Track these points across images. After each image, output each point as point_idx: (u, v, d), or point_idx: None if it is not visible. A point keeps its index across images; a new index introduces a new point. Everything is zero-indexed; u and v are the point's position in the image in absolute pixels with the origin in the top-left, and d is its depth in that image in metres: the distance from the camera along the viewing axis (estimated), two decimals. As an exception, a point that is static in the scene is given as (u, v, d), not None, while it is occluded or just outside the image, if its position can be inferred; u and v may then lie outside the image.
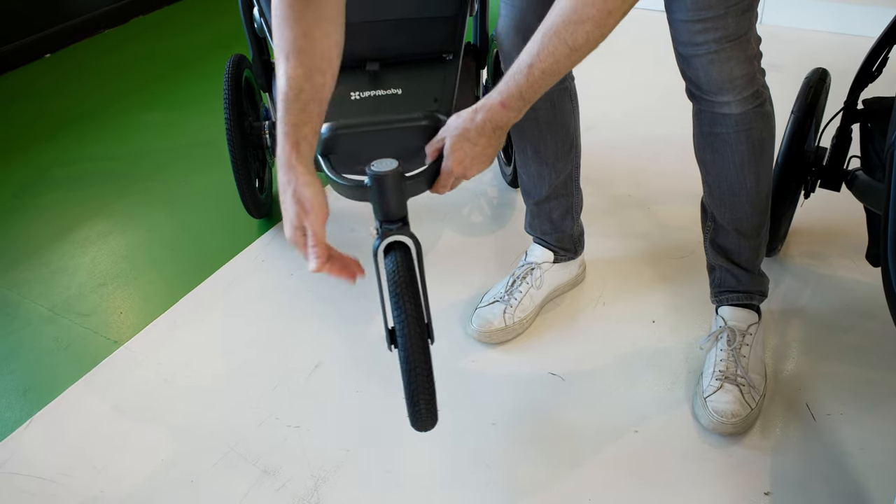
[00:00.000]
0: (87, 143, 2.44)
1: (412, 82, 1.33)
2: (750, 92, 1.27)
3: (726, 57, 1.22)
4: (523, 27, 1.32)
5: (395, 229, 1.11)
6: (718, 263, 1.47)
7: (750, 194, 1.36)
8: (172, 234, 1.96)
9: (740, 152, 1.32)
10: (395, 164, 1.08)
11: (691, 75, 1.27)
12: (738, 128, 1.30)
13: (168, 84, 2.83)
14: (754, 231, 1.41)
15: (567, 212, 1.59)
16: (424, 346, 1.09)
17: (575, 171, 1.56)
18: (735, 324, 1.45)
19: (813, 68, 1.63)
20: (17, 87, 2.89)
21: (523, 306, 1.58)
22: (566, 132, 1.49)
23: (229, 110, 1.75)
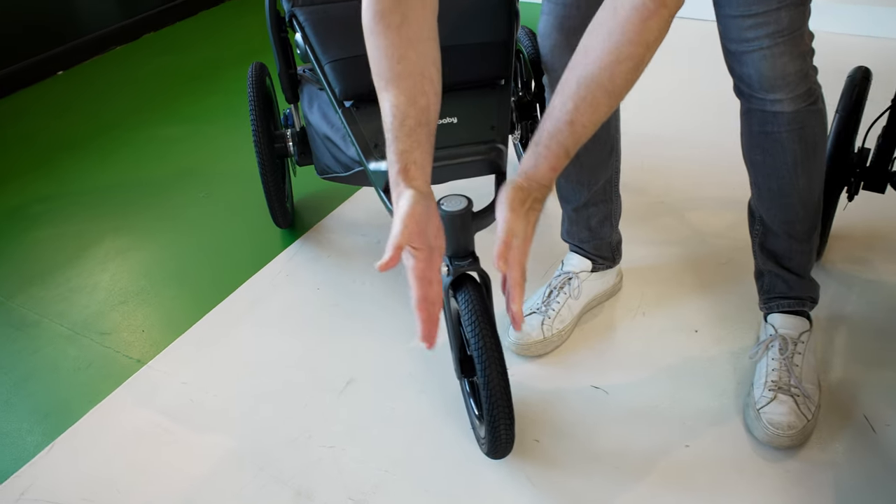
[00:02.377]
0: (102, 158, 2.39)
1: (468, 110, 1.29)
2: (803, 89, 1.21)
3: (779, 53, 1.16)
4: (566, 26, 1.27)
5: (465, 265, 1.15)
6: (768, 269, 1.41)
7: (802, 196, 1.30)
8: (193, 250, 1.91)
9: (793, 152, 1.25)
10: (465, 203, 1.12)
11: (741, 73, 1.21)
12: (791, 127, 1.23)
13: (181, 99, 2.79)
14: (806, 234, 1.35)
15: (606, 218, 1.53)
16: (505, 375, 1.14)
17: (615, 175, 1.50)
18: (786, 332, 1.38)
19: (855, 66, 1.57)
20: (31, 104, 2.86)
21: (561, 317, 1.52)
22: (606, 136, 1.44)
23: (256, 118, 1.72)
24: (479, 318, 1.14)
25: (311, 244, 1.88)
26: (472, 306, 1.15)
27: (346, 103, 1.33)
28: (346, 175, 1.58)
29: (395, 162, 0.99)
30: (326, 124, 1.59)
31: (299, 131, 1.78)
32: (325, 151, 1.62)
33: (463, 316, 1.16)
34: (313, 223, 1.97)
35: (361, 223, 1.95)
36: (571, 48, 1.25)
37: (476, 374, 1.17)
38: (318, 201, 2.07)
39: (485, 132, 1.30)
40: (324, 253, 1.85)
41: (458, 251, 1.17)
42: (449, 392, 1.44)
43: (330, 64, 1.34)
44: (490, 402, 1.14)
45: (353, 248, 1.86)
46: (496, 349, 1.14)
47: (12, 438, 1.42)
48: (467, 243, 1.17)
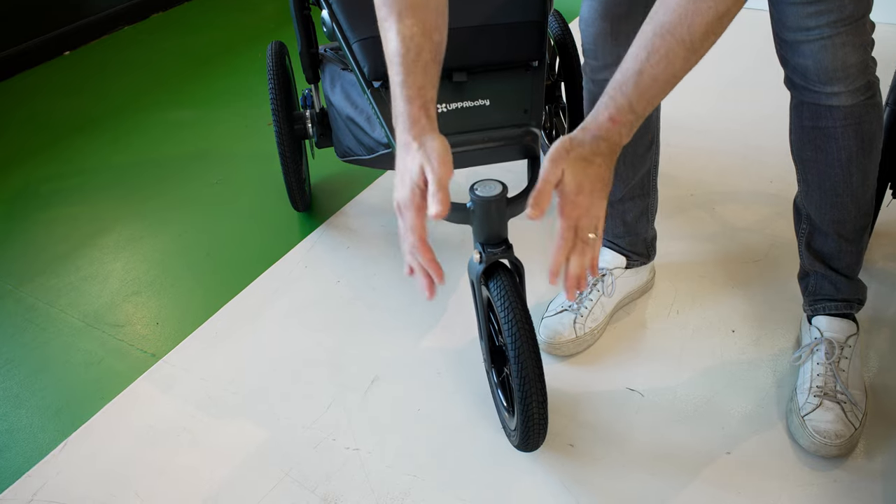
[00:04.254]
0: (113, 141, 2.33)
1: (500, 92, 1.23)
2: (862, 82, 1.15)
3: (841, 42, 1.09)
4: (613, 13, 1.20)
5: (499, 252, 1.11)
6: (815, 269, 1.34)
7: (855, 194, 1.23)
8: (208, 238, 1.85)
9: (847, 148, 1.18)
10: (499, 188, 1.07)
11: (797, 63, 1.14)
12: (847, 121, 1.16)
13: (191, 80, 2.72)
14: (857, 234, 1.28)
15: (642, 213, 1.47)
16: (539, 362, 1.10)
17: (653, 169, 1.44)
18: (833, 335, 1.31)
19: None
20: (38, 85, 2.78)
21: (594, 315, 1.46)
22: (646, 126, 1.37)
23: (276, 98, 1.66)
24: (512, 306, 1.10)
25: (332, 233, 1.82)
26: (505, 294, 1.10)
27: (374, 83, 1.27)
28: (369, 158, 1.52)
29: (411, 97, 0.93)
30: (350, 105, 1.52)
31: (319, 112, 1.72)
32: (348, 133, 1.56)
33: (495, 303, 1.12)
34: (334, 210, 1.90)
35: (384, 210, 1.89)
36: (616, 36, 1.19)
37: (507, 363, 1.12)
38: (338, 186, 2.00)
39: (518, 115, 1.24)
40: (344, 242, 1.78)
41: (492, 238, 1.13)
42: (479, 391, 1.38)
43: (359, 42, 1.28)
44: (523, 389, 1.10)
45: (375, 238, 1.79)
46: (530, 336, 1.09)
47: (24, 435, 1.37)
48: (501, 230, 1.13)
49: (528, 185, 1.19)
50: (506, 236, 1.13)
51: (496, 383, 1.28)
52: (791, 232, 1.71)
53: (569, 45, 1.73)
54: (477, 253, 1.13)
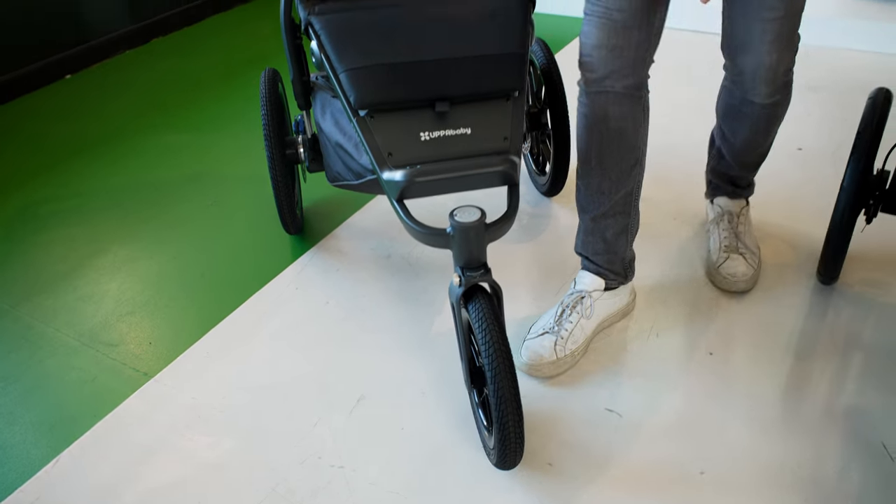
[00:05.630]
0: (111, 163, 2.38)
1: (481, 121, 1.29)
2: (785, 81, 1.45)
3: (778, 55, 1.37)
4: (609, 28, 1.31)
5: (477, 276, 1.18)
6: (717, 182, 1.77)
7: (760, 147, 1.62)
8: (202, 259, 1.89)
9: (759, 125, 1.54)
10: (478, 214, 1.14)
11: (739, 62, 1.42)
12: (763, 112, 1.50)
13: (189, 104, 2.77)
14: (752, 167, 1.70)
15: (622, 232, 1.52)
16: (515, 384, 1.16)
17: (636, 188, 1.50)
18: (731, 209, 1.74)
19: (876, 88, 1.55)
20: (39, 108, 2.84)
21: (574, 338, 1.50)
22: (633, 145, 1.43)
23: (268, 124, 1.71)
24: (491, 329, 1.14)
25: (322, 255, 1.87)
26: (483, 316, 1.15)
27: (360, 112, 1.32)
28: (357, 183, 1.57)
29: None
30: (339, 132, 1.57)
31: (311, 138, 1.76)
32: (337, 159, 1.61)
33: (474, 326, 1.16)
34: (325, 232, 1.95)
35: (374, 233, 1.93)
36: (611, 49, 1.33)
37: (486, 383, 1.16)
38: (330, 209, 2.05)
39: (498, 143, 1.29)
40: (335, 265, 1.83)
41: (471, 262, 1.19)
42: (461, 411, 1.42)
43: (346, 73, 1.33)
44: (500, 409, 1.14)
45: (365, 261, 1.84)
46: (507, 357, 1.14)
47: (17, 451, 1.40)
48: (480, 254, 1.19)
49: (507, 210, 1.23)
50: (484, 260, 1.18)
51: (477, 403, 1.32)
52: (771, 259, 1.76)
53: (553, 73, 1.79)
54: (457, 276, 1.18)
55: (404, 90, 1.28)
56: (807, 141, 2.26)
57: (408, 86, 1.28)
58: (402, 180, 1.22)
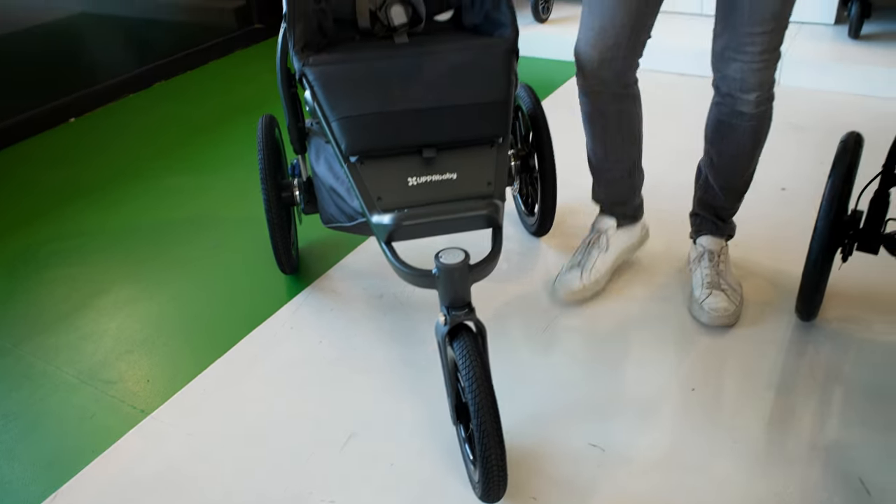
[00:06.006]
0: (114, 205, 2.44)
1: (466, 167, 1.36)
2: (768, 94, 1.59)
3: (765, 66, 1.53)
4: (599, 44, 1.56)
5: (462, 315, 1.23)
6: (703, 214, 1.83)
7: (743, 170, 1.71)
8: (200, 300, 1.94)
9: (745, 140, 1.64)
10: (462, 256, 1.19)
11: (727, 75, 1.56)
12: (749, 123, 1.62)
13: (190, 147, 2.85)
14: (737, 196, 1.77)
15: (629, 188, 1.83)
16: (498, 421, 1.20)
17: (638, 158, 1.80)
18: (712, 248, 1.81)
19: (848, 132, 1.62)
20: (43, 150, 2.91)
21: (597, 268, 1.83)
22: (631, 131, 1.73)
23: (265, 168, 1.77)
24: (474, 366, 1.19)
25: (317, 295, 1.92)
26: (468, 355, 1.20)
27: (351, 158, 1.38)
28: (350, 225, 1.63)
29: None
30: (332, 176, 1.63)
31: (306, 181, 1.83)
32: (331, 202, 1.67)
33: (459, 364, 1.21)
34: (319, 273, 2.00)
35: (367, 274, 1.99)
36: (601, 63, 1.59)
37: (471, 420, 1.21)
38: (325, 250, 2.10)
39: (483, 188, 1.35)
40: (329, 304, 1.88)
41: (456, 302, 1.24)
42: (449, 447, 1.45)
43: (337, 121, 1.39)
44: (483, 443, 1.19)
45: (358, 300, 1.89)
46: (489, 395, 1.19)
47: (15, 487, 1.44)
48: (464, 294, 1.24)
49: (491, 252, 1.29)
50: (469, 300, 1.23)
51: (463, 438, 1.36)
52: (753, 297, 1.81)
53: (539, 119, 1.86)
54: (442, 315, 1.23)
55: (392, 138, 1.35)
56: (790, 181, 2.32)
57: (396, 133, 1.35)
58: (391, 224, 1.28)
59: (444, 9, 1.71)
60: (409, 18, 1.67)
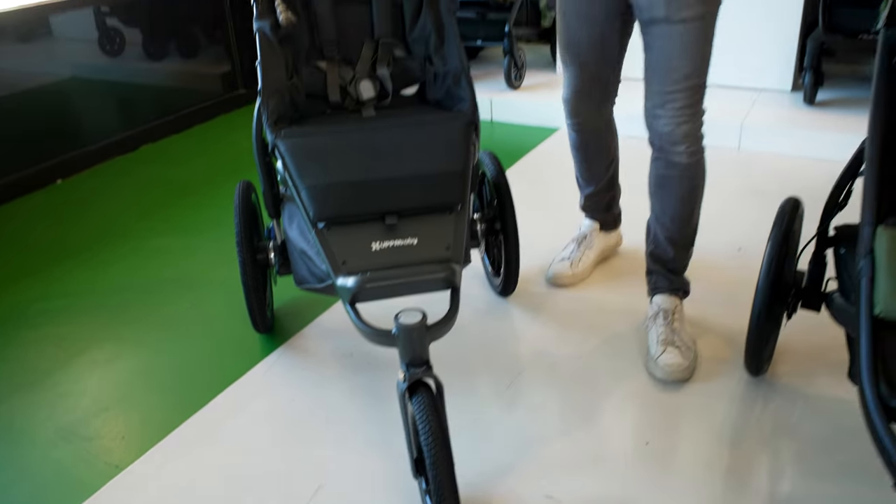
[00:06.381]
0: (97, 266, 2.52)
1: (427, 232, 1.47)
2: (696, 147, 1.80)
3: (688, 120, 1.75)
4: (577, 92, 1.97)
5: (420, 372, 1.30)
6: (656, 269, 1.96)
7: (685, 220, 1.89)
8: (177, 359, 2.01)
9: (682, 190, 1.84)
10: (420, 317, 1.28)
11: (657, 129, 1.80)
12: (683, 173, 1.82)
13: (173, 209, 2.94)
14: (685, 247, 1.93)
15: (609, 199, 2.24)
16: (453, 476, 1.27)
17: (615, 174, 2.20)
18: (666, 306, 1.93)
19: (786, 198, 1.73)
20: (31, 211, 3.00)
21: (583, 261, 2.23)
22: (608, 152, 2.14)
23: (241, 233, 1.87)
24: (431, 422, 1.27)
25: (290, 353, 1.99)
26: (425, 410, 1.28)
27: (318, 224, 1.48)
28: (320, 286, 1.71)
29: None
30: (304, 240, 1.72)
31: (280, 245, 1.92)
32: (302, 265, 1.75)
33: (417, 419, 1.28)
34: (293, 331, 2.08)
35: (338, 333, 2.06)
36: (576, 114, 2.03)
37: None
38: (299, 309, 2.18)
39: (441, 253, 1.45)
40: (301, 363, 1.95)
41: (414, 360, 1.32)
42: (414, 500, 1.52)
43: (306, 189, 1.50)
44: (439, 495, 1.25)
45: (329, 359, 1.96)
46: (445, 446, 1.26)
47: (-8, 542, 1.48)
48: (422, 353, 1.32)
49: (448, 312, 1.38)
50: (427, 358, 1.31)
51: (424, 491, 1.43)
52: (707, 353, 1.90)
53: (502, 186, 1.97)
54: (401, 373, 1.31)
55: (357, 205, 1.45)
56: (747, 242, 2.43)
57: (360, 202, 1.45)
58: (354, 286, 1.37)
59: (409, 83, 1.83)
60: (376, 93, 1.80)
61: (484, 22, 3.76)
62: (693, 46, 1.70)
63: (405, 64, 1.84)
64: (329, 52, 1.83)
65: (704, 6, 1.67)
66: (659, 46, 1.73)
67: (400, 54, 1.84)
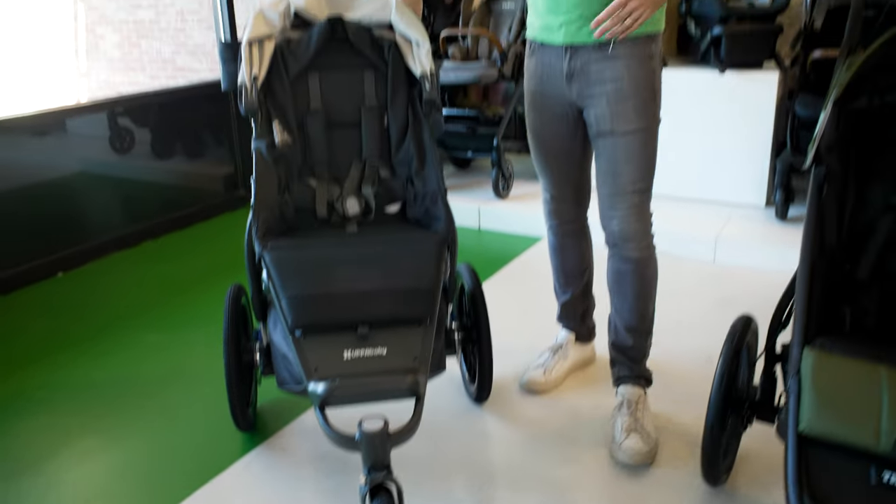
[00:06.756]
0: (94, 359, 2.61)
1: (396, 343, 1.59)
2: (645, 243, 2.00)
3: (635, 219, 1.97)
4: (561, 196, 2.17)
5: (381, 476, 1.37)
6: (618, 359, 2.12)
7: (641, 310, 2.06)
8: (161, 451, 2.08)
9: (636, 283, 2.03)
10: (382, 423, 1.37)
11: (611, 229, 2.00)
12: (635, 267, 2.01)
13: (170, 305, 3.05)
14: (642, 335, 2.10)
15: (586, 311, 2.35)
16: None
17: (589, 283, 2.32)
18: (630, 396, 2.07)
19: (738, 317, 1.84)
20: (31, 303, 3.10)
21: (556, 370, 2.32)
22: (583, 258, 2.28)
23: (228, 335, 1.97)
24: None
25: (268, 453, 2.06)
26: None
27: (296, 332, 1.59)
28: (298, 389, 1.80)
29: None
30: (285, 344, 1.82)
31: (266, 346, 2.01)
32: (283, 367, 1.85)
33: None
34: (273, 430, 2.16)
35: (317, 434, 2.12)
36: (559, 209, 2.20)
37: None
38: (282, 408, 2.26)
39: (409, 363, 1.56)
40: (277, 463, 2.02)
41: (376, 465, 1.41)
42: None
43: (286, 299, 1.62)
44: None
45: (305, 460, 2.04)
46: None
47: None
48: (384, 458, 1.41)
49: (410, 420, 1.47)
50: (388, 463, 1.40)
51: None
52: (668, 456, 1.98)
53: (478, 298, 2.08)
54: (363, 476, 1.39)
55: (332, 316, 1.57)
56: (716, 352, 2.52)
57: (335, 312, 1.57)
58: (324, 392, 1.48)
59: (392, 201, 1.99)
60: (361, 209, 1.94)
61: (474, 136, 3.99)
62: (637, 155, 1.93)
63: (389, 184, 2.00)
64: (319, 171, 1.98)
65: (645, 121, 1.92)
66: (607, 156, 1.96)
67: (385, 174, 2.00)
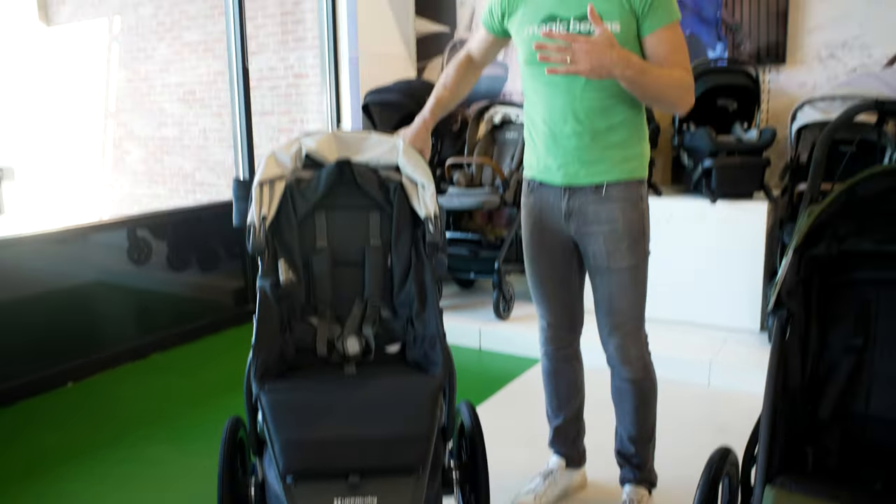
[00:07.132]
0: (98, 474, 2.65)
1: (386, 493, 1.60)
2: (640, 364, 2.19)
3: (632, 345, 2.16)
4: (557, 323, 2.30)
5: None
6: (623, 464, 2.27)
7: (641, 422, 2.23)
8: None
9: (634, 398, 2.21)
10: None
11: (610, 353, 2.20)
12: (634, 387, 2.20)
13: (175, 420, 3.10)
14: (645, 444, 2.25)
15: (575, 434, 2.42)
16: None
17: (580, 408, 2.41)
18: (633, 497, 2.23)
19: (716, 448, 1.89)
20: (40, 413, 3.16)
21: (547, 496, 2.37)
22: (576, 384, 2.38)
23: (223, 468, 1.99)
24: None
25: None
26: None
27: (287, 478, 1.64)
28: None
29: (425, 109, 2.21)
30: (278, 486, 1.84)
31: (261, 482, 2.03)
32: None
33: None
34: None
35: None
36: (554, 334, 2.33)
37: None
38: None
39: None
40: None
41: None
42: None
43: (279, 443, 1.67)
44: None
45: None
46: None
47: None
48: None
49: None
50: None
51: None
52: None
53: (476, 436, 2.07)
54: None
55: (323, 463, 1.62)
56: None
57: (327, 460, 1.62)
58: None
59: (392, 342, 2.06)
60: (361, 349, 2.01)
61: (476, 259, 4.13)
62: (630, 290, 2.13)
63: (390, 324, 2.06)
64: (322, 309, 2.06)
65: (636, 258, 2.11)
66: (603, 290, 2.15)
67: (386, 315, 2.07)
